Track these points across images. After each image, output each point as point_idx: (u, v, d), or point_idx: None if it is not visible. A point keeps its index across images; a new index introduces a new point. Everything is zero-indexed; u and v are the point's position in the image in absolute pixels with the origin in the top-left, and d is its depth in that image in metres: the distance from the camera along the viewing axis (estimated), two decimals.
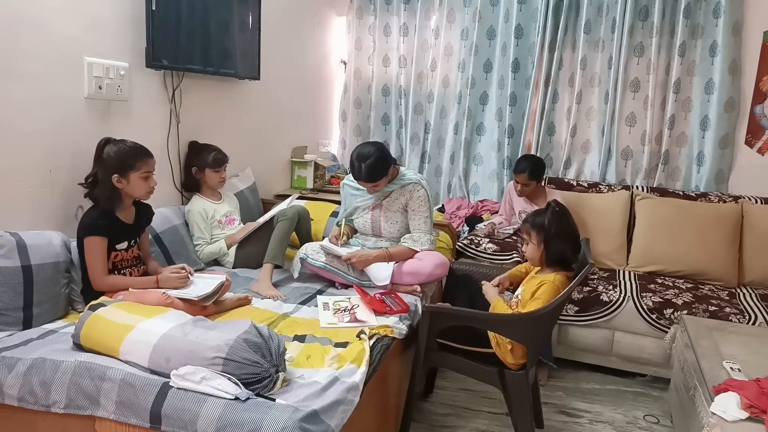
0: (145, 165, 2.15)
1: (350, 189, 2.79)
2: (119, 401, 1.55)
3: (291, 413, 1.45)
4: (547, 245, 2.12)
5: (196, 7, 2.70)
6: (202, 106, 2.99)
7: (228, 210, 2.87)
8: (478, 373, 2.19)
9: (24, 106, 2.06)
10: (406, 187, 2.65)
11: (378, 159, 2.50)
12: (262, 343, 1.60)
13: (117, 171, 2.10)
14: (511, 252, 3.18)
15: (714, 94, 3.53)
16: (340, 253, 2.54)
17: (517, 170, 3.36)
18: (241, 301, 2.28)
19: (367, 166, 2.49)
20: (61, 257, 2.07)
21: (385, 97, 4.37)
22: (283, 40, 3.68)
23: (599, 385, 2.90)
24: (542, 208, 2.25)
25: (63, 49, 2.18)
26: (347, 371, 1.74)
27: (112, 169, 2.10)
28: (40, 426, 1.64)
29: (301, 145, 4.05)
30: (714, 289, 3.06)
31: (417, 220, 2.65)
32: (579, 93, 3.79)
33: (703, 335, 2.37)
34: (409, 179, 2.66)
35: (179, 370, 1.55)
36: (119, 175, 2.10)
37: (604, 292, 2.94)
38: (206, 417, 1.46)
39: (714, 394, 1.85)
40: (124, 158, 2.11)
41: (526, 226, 2.20)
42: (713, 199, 3.45)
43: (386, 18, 4.26)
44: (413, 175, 2.69)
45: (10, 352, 1.71)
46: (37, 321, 1.96)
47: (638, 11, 3.62)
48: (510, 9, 3.90)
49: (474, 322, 2.17)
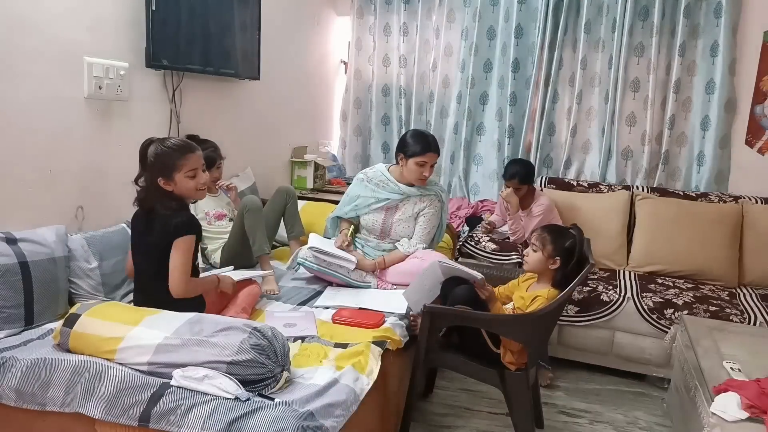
0: (187, 163, 1.98)
1: (370, 185, 2.74)
2: (117, 401, 1.54)
3: (286, 413, 1.45)
4: (564, 267, 2.15)
5: (196, 7, 2.70)
6: (202, 106, 2.99)
7: (215, 205, 2.82)
8: (478, 373, 2.19)
9: (24, 106, 2.06)
10: (427, 196, 2.68)
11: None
12: (267, 345, 1.60)
13: (161, 174, 1.97)
14: (511, 252, 3.18)
15: (714, 94, 3.53)
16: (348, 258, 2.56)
17: (507, 176, 3.28)
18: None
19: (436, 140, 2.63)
20: (57, 252, 2.06)
21: (385, 97, 4.37)
22: (283, 40, 3.68)
23: (599, 385, 2.90)
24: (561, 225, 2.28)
25: (63, 49, 2.18)
26: (347, 374, 1.73)
27: (156, 173, 1.97)
28: (40, 426, 1.64)
29: (301, 145, 4.05)
30: (714, 289, 3.06)
31: (422, 228, 2.69)
32: (579, 93, 3.79)
33: (704, 335, 2.37)
34: (432, 190, 2.70)
35: (183, 369, 1.55)
36: (164, 179, 1.98)
37: (604, 292, 2.94)
38: (200, 416, 1.46)
39: (714, 394, 1.85)
40: (164, 160, 1.97)
41: (548, 244, 2.17)
42: (713, 199, 3.45)
43: (386, 18, 4.26)
44: (436, 186, 2.74)
45: (9, 353, 1.71)
46: (38, 318, 1.97)
47: (638, 11, 3.61)
48: (510, 9, 3.89)
49: (474, 322, 2.17)
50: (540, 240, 2.20)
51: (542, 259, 2.19)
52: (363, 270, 2.62)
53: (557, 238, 2.18)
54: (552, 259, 2.17)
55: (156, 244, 1.95)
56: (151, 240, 1.97)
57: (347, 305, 2.33)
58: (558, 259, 2.16)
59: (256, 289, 2.29)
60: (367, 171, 2.83)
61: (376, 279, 2.62)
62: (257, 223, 2.61)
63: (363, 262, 2.63)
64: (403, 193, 2.67)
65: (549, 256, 2.17)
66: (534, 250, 2.21)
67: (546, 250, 2.17)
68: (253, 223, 2.60)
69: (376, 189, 2.72)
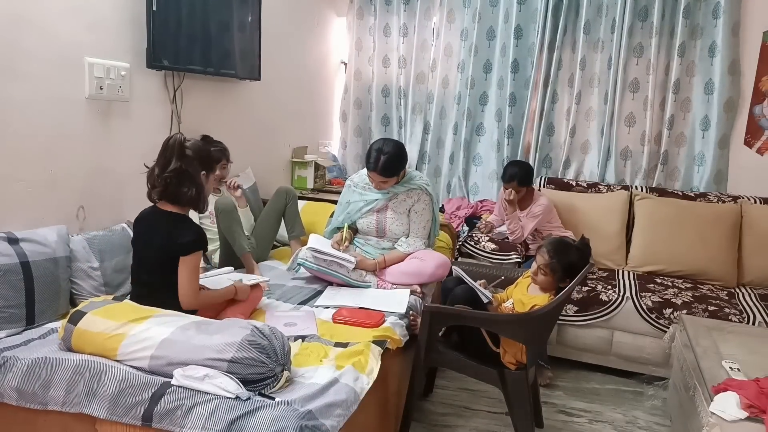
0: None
1: (357, 189, 2.78)
2: (118, 400, 1.55)
3: (287, 412, 1.46)
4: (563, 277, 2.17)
5: (196, 7, 2.71)
6: (202, 106, 2.99)
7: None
8: (478, 372, 2.20)
9: (25, 106, 2.07)
10: (413, 191, 2.67)
11: (397, 156, 2.55)
12: (267, 344, 1.61)
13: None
14: (510, 252, 3.19)
15: (713, 94, 3.54)
16: (347, 258, 2.56)
17: (506, 179, 3.25)
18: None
19: (385, 159, 2.52)
20: (59, 252, 2.06)
21: (385, 98, 4.38)
22: (283, 41, 3.68)
23: (599, 384, 2.91)
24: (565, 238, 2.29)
25: (64, 49, 2.18)
26: (348, 373, 1.74)
27: (199, 167, 1.95)
28: (41, 425, 1.64)
29: (301, 145, 4.06)
30: (713, 289, 3.06)
31: (416, 224, 2.69)
32: (578, 93, 3.80)
33: (703, 335, 2.38)
34: (416, 184, 2.68)
35: (183, 369, 1.56)
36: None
37: (604, 292, 2.94)
38: (201, 416, 1.46)
39: (713, 394, 1.85)
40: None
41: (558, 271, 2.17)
42: (712, 199, 3.45)
43: (386, 18, 4.27)
44: (420, 180, 2.72)
45: (11, 352, 1.72)
46: (39, 318, 1.97)
47: (638, 11, 3.62)
48: (509, 9, 3.90)
49: (474, 322, 2.18)
50: (549, 268, 2.19)
51: (552, 281, 2.20)
52: (364, 269, 2.62)
53: (566, 263, 2.16)
54: (563, 281, 2.19)
55: (159, 256, 1.93)
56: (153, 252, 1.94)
57: (347, 305, 2.33)
58: (569, 280, 2.17)
59: (258, 293, 2.30)
60: (353, 177, 2.86)
61: (376, 279, 2.62)
62: (232, 223, 2.63)
63: (364, 261, 2.63)
64: (388, 192, 2.67)
65: (559, 279, 2.19)
66: (543, 275, 2.21)
67: (556, 276, 2.19)
68: (228, 225, 2.62)
69: (363, 192, 2.74)
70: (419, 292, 2.55)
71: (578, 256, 2.18)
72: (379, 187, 2.64)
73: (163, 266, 1.93)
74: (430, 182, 2.89)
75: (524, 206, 3.30)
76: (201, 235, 1.97)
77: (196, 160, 1.95)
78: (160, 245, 1.93)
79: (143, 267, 2.00)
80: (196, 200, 1.98)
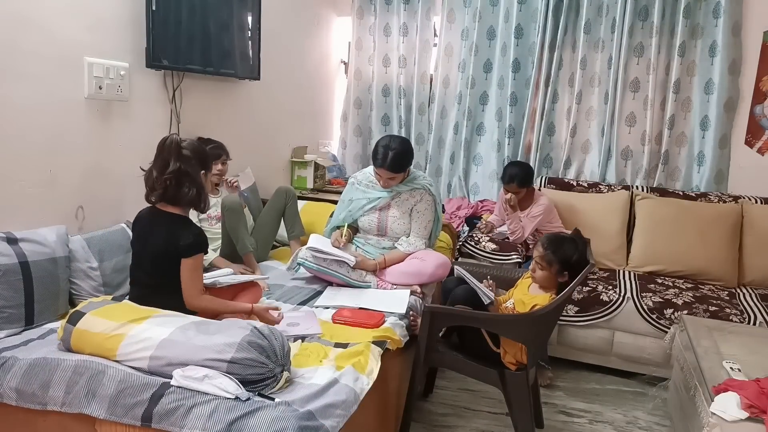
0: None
1: (360, 186, 2.76)
2: (118, 401, 1.54)
3: (286, 413, 1.45)
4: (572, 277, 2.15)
5: (196, 7, 2.71)
6: (202, 106, 2.99)
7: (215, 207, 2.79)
8: (478, 373, 2.19)
9: (24, 106, 2.07)
10: (416, 190, 2.67)
11: (404, 151, 2.56)
12: (266, 344, 1.60)
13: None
14: (510, 252, 3.18)
15: (714, 94, 3.54)
16: (347, 257, 2.55)
17: (506, 180, 3.23)
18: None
19: (393, 155, 2.52)
20: (58, 253, 2.06)
21: (385, 98, 4.37)
22: (283, 40, 3.68)
23: (599, 385, 2.91)
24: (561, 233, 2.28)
25: (63, 49, 2.18)
26: (347, 374, 1.73)
27: (198, 167, 1.95)
28: (40, 426, 1.64)
29: (301, 145, 4.06)
30: (714, 289, 3.06)
31: (418, 224, 2.68)
32: (579, 93, 3.79)
33: (703, 335, 2.38)
34: (420, 184, 2.68)
35: (183, 369, 1.55)
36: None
37: (604, 292, 2.94)
38: (201, 416, 1.46)
39: (714, 394, 1.85)
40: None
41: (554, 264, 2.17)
42: (713, 199, 3.45)
43: (386, 18, 4.26)
44: (423, 179, 2.72)
45: (10, 352, 1.71)
46: (39, 318, 1.97)
47: (638, 11, 3.62)
48: (510, 9, 3.90)
49: (474, 322, 2.18)
50: (545, 260, 2.19)
51: (551, 276, 2.20)
52: (364, 269, 2.62)
53: (561, 255, 2.17)
54: (561, 274, 2.18)
55: (158, 257, 1.93)
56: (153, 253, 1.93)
57: (347, 305, 2.33)
58: (567, 273, 2.17)
59: (258, 291, 2.30)
60: (357, 174, 2.85)
61: (376, 279, 2.62)
62: (238, 222, 2.64)
63: (365, 261, 2.63)
64: (391, 190, 2.67)
65: (557, 273, 2.18)
66: (540, 269, 2.21)
67: (553, 269, 2.18)
68: (234, 224, 2.64)
69: (367, 189, 2.73)
70: (419, 293, 2.55)
71: (572, 247, 2.18)
72: (387, 184, 2.63)
73: (162, 267, 1.92)
74: (434, 182, 2.89)
75: (525, 207, 3.30)
76: (201, 237, 1.97)
77: (194, 159, 1.95)
78: (159, 247, 1.92)
79: (142, 268, 1.99)
80: (196, 200, 1.98)
